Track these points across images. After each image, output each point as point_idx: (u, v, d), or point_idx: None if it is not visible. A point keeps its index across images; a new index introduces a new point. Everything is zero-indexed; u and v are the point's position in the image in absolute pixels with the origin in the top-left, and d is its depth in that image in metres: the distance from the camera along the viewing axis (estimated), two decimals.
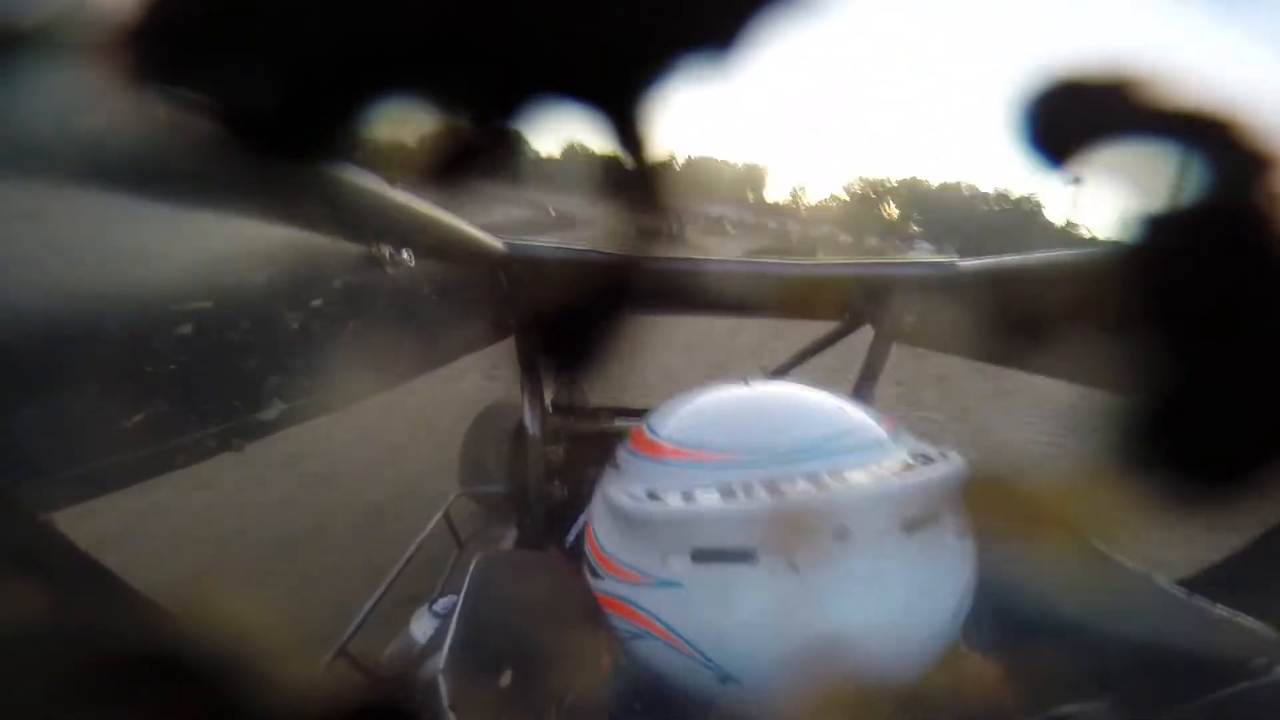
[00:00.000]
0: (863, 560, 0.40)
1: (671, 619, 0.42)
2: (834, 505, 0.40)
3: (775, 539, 0.40)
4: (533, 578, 0.62)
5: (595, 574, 0.49)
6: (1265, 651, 0.40)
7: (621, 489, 0.47)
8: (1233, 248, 0.22)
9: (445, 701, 0.38)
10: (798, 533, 0.40)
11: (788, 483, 0.41)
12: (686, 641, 0.41)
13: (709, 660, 0.41)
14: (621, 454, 0.53)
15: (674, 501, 0.43)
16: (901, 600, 0.41)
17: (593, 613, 0.62)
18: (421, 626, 0.74)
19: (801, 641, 0.39)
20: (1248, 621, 0.43)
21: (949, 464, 0.43)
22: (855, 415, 0.48)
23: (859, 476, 0.41)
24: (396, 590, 1.06)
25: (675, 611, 0.42)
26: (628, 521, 0.45)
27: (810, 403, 0.50)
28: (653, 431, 0.51)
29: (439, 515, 1.46)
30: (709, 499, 0.42)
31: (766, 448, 0.44)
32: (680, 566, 0.42)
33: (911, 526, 0.41)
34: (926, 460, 0.44)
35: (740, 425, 0.48)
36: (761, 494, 0.41)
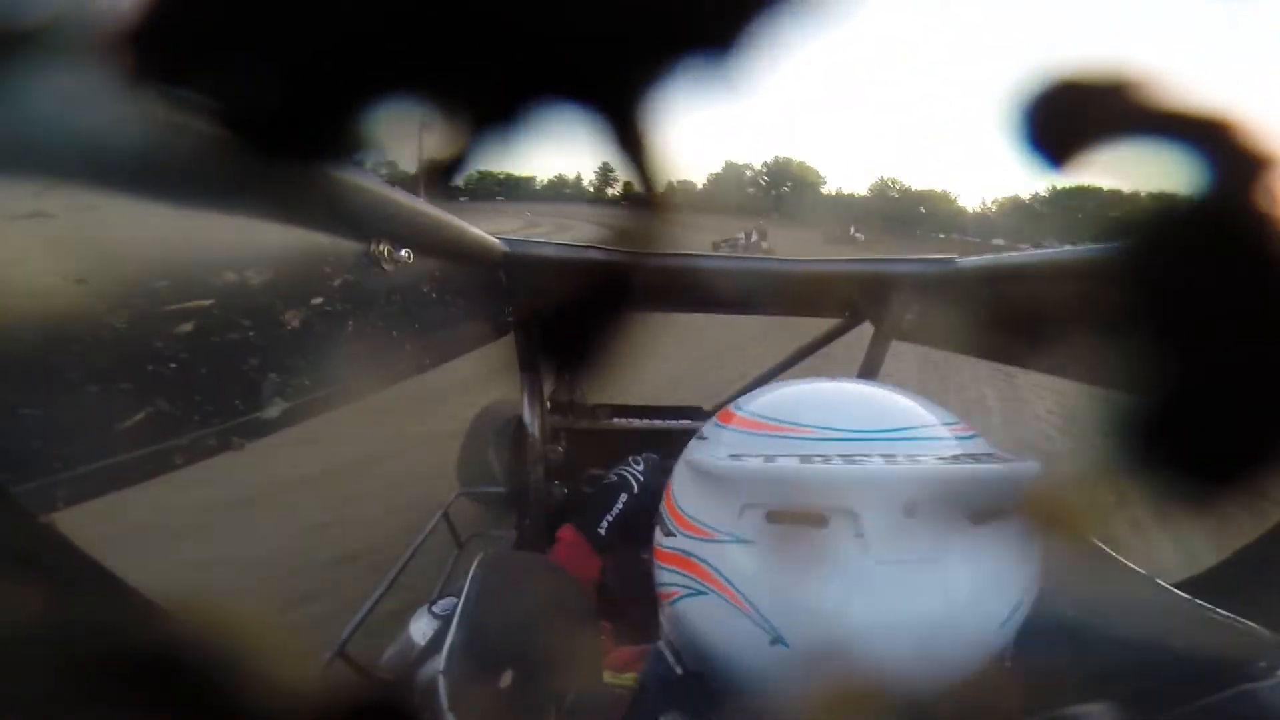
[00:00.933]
0: (926, 539, 0.41)
1: (735, 575, 0.44)
2: (905, 480, 0.41)
3: (845, 507, 0.41)
4: (533, 578, 0.62)
5: (668, 532, 0.51)
6: (1265, 654, 0.40)
7: (706, 453, 0.51)
8: (1233, 248, 0.22)
9: (445, 702, 0.38)
10: (868, 503, 0.41)
11: (864, 458, 0.43)
12: (746, 598, 0.43)
13: (764, 620, 0.42)
14: (708, 429, 0.56)
15: (755, 463, 0.45)
16: (957, 586, 0.41)
17: (593, 613, 0.62)
18: (420, 628, 0.74)
19: (853, 613, 0.40)
20: (1248, 624, 0.43)
21: (1023, 465, 0.43)
22: (935, 413, 0.50)
23: (933, 461, 0.43)
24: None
25: (741, 569, 0.44)
26: (709, 479, 0.48)
27: (892, 396, 0.53)
28: (740, 409, 0.54)
29: (439, 515, 1.46)
30: (789, 463, 0.44)
31: (848, 427, 0.47)
32: (753, 524, 0.44)
33: (979, 519, 0.42)
34: (1001, 459, 0.45)
35: (827, 407, 0.50)
36: (838, 463, 0.43)
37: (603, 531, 0.83)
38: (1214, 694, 0.37)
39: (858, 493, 0.41)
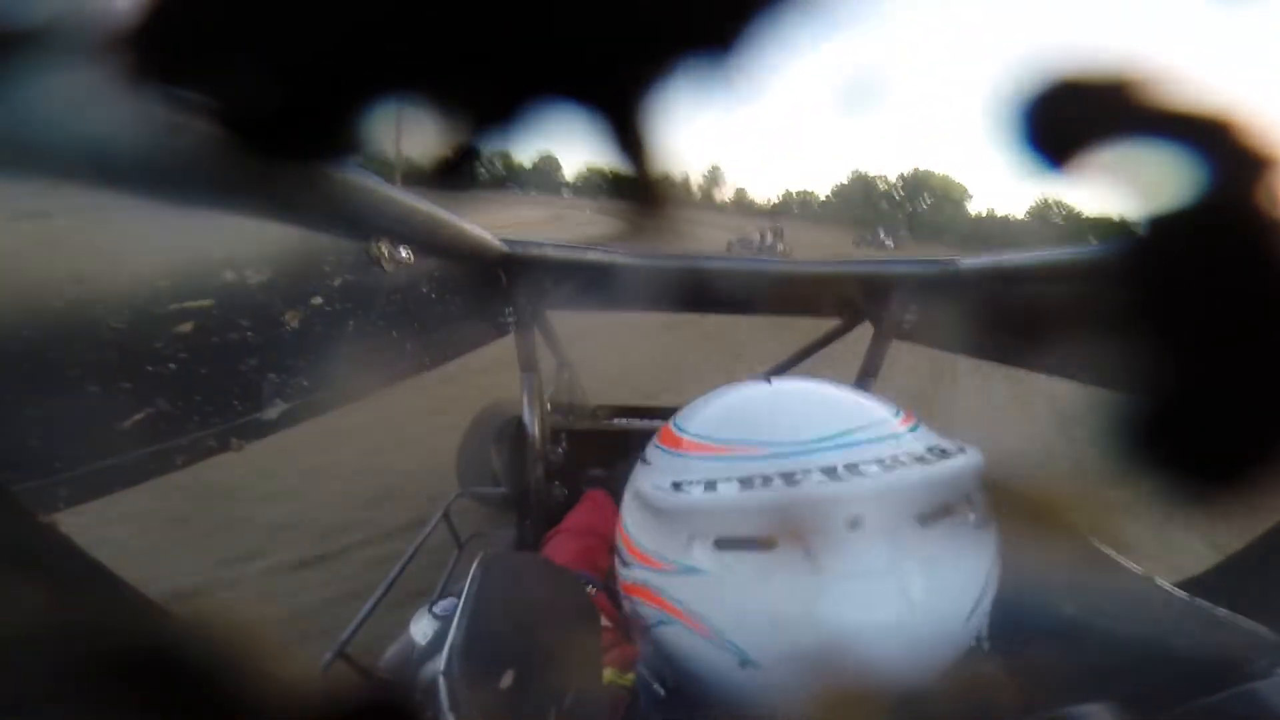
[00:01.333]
0: (875, 550, 0.41)
1: (694, 604, 0.44)
2: (846, 495, 0.41)
3: (790, 528, 0.41)
4: (533, 579, 0.62)
5: (624, 563, 0.51)
6: (1266, 653, 0.40)
7: (649, 481, 0.50)
8: (1233, 247, 0.22)
9: (445, 702, 0.38)
10: (811, 522, 0.41)
11: (804, 475, 0.42)
12: (708, 625, 0.43)
13: (730, 644, 0.42)
14: (650, 450, 0.56)
15: (696, 492, 0.45)
16: (914, 591, 0.41)
17: (593, 613, 0.62)
18: (421, 628, 0.74)
19: (816, 628, 0.41)
20: (1248, 623, 0.43)
21: (965, 457, 0.44)
22: (873, 410, 0.50)
23: (873, 469, 0.43)
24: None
25: (698, 597, 0.44)
26: (654, 511, 0.48)
27: (829, 398, 0.52)
28: (678, 428, 0.54)
29: (439, 516, 1.46)
30: (729, 489, 0.44)
31: (784, 441, 0.46)
32: (703, 554, 0.44)
33: (926, 519, 0.42)
34: (943, 454, 0.45)
35: (760, 421, 0.50)
36: (778, 484, 0.42)
37: None
38: (1214, 694, 0.37)
39: (799, 514, 0.41)
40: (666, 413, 1.44)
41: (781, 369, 1.39)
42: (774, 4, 0.17)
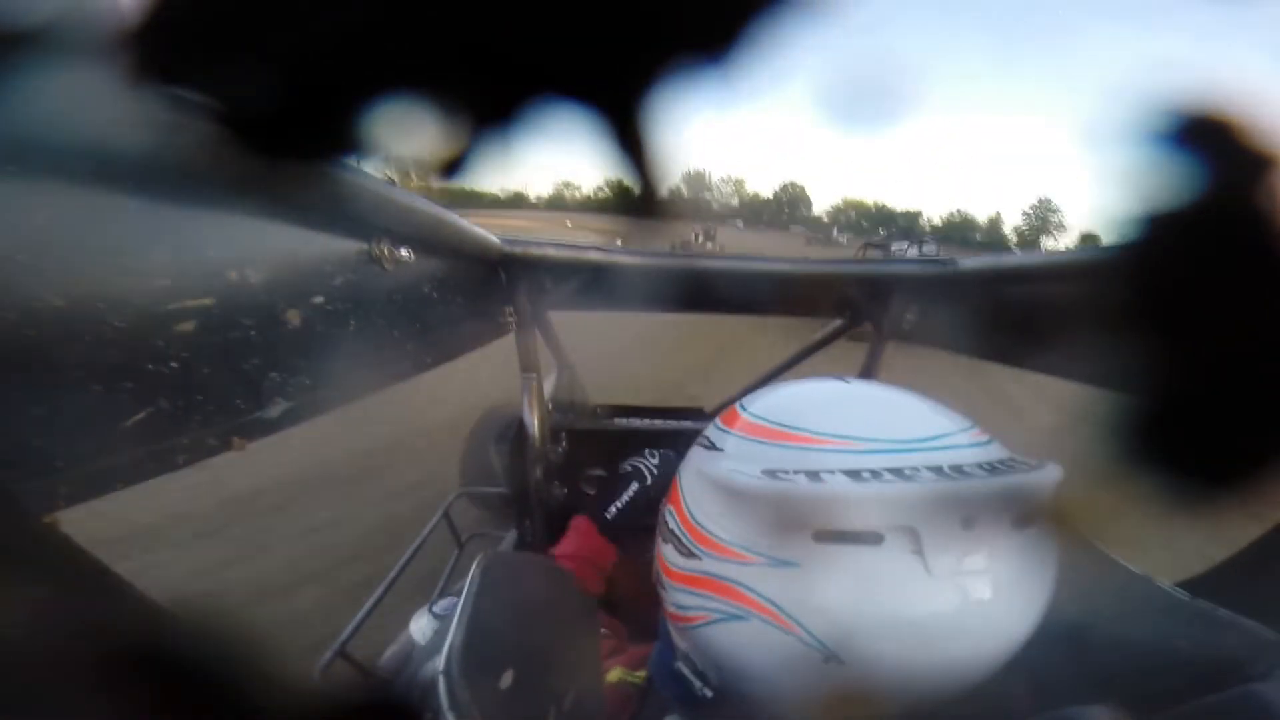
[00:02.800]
0: (983, 550, 0.41)
1: (781, 598, 0.42)
2: (964, 494, 0.41)
3: (903, 524, 0.40)
4: (534, 579, 0.62)
5: (687, 553, 0.49)
6: (1266, 653, 0.40)
7: (727, 466, 0.47)
8: (1233, 247, 0.22)
9: (445, 702, 0.38)
10: (927, 519, 0.40)
11: (913, 471, 0.42)
12: (795, 620, 0.42)
13: (816, 640, 0.41)
14: (716, 435, 0.53)
15: (800, 482, 0.42)
16: (1010, 592, 0.42)
17: (593, 613, 0.62)
18: (420, 628, 0.74)
19: (918, 627, 0.40)
20: (1248, 623, 0.43)
21: (1050, 469, 0.43)
22: (956, 418, 0.49)
23: (979, 472, 0.42)
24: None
25: (788, 591, 0.42)
26: (742, 500, 0.45)
27: (912, 402, 0.51)
28: (756, 415, 0.51)
29: (438, 516, 1.46)
30: (837, 481, 0.42)
31: (885, 438, 0.45)
32: (799, 546, 0.42)
33: (1021, 524, 0.42)
34: (1026, 464, 0.45)
35: (857, 414, 0.48)
36: (890, 479, 0.41)
37: (610, 516, 0.83)
38: (1214, 694, 0.37)
39: (917, 510, 0.40)
40: (667, 412, 1.44)
41: (782, 369, 1.39)
42: (775, 4, 0.17)
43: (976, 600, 0.41)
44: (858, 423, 0.46)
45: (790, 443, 0.47)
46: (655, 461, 0.94)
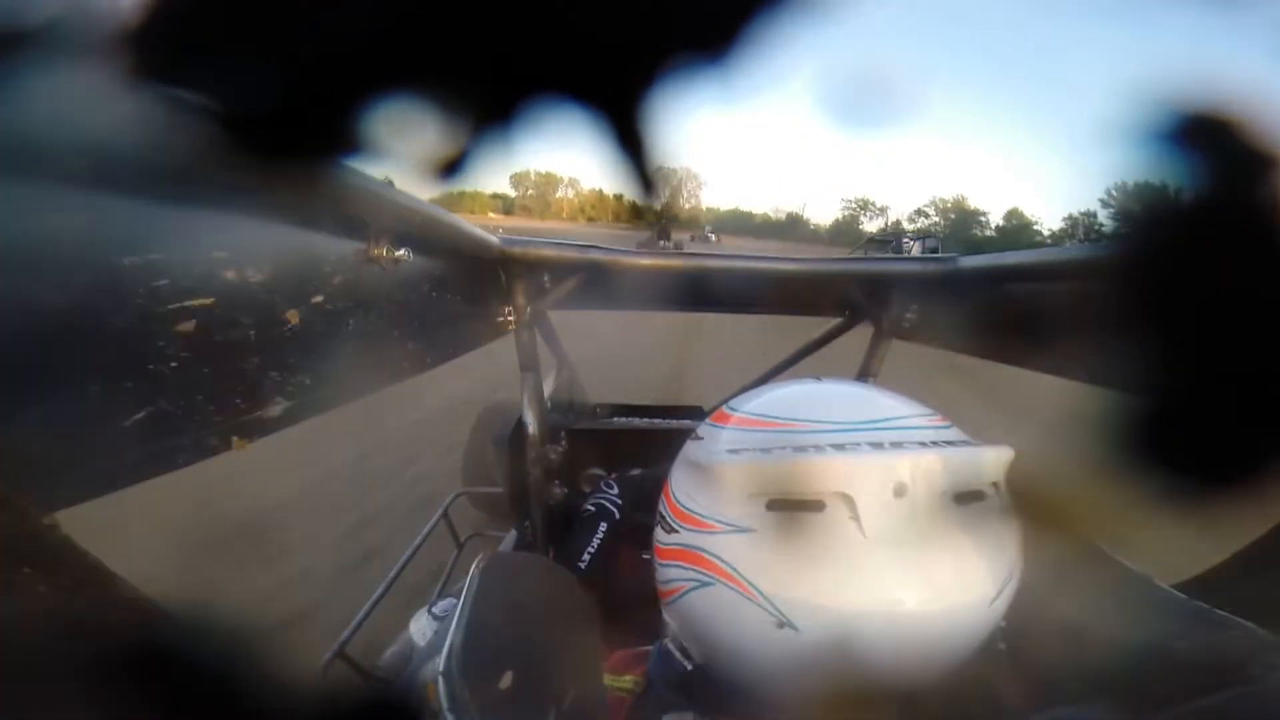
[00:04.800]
0: (918, 519, 0.43)
1: (739, 563, 0.46)
2: (893, 463, 0.44)
3: (839, 490, 0.43)
4: (533, 579, 0.62)
5: (669, 529, 0.54)
6: (1264, 655, 0.40)
7: (703, 450, 0.54)
8: (1233, 247, 0.22)
9: (445, 703, 0.38)
10: (859, 486, 0.43)
11: (853, 446, 0.46)
12: (750, 584, 0.45)
13: (770, 604, 0.44)
14: (703, 428, 0.59)
15: (751, 455, 0.48)
16: (949, 564, 0.44)
17: (592, 613, 0.62)
18: (420, 628, 0.74)
19: (854, 592, 0.43)
20: (1247, 624, 0.43)
21: (998, 448, 0.47)
22: (914, 406, 0.53)
23: (916, 446, 0.46)
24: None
25: (744, 555, 0.46)
26: (708, 474, 0.51)
27: (873, 392, 0.56)
28: (734, 409, 0.57)
29: (438, 515, 1.46)
30: (783, 454, 0.47)
31: (835, 420, 0.49)
32: (755, 513, 0.46)
33: (963, 499, 0.45)
34: (972, 443, 0.48)
35: (813, 404, 0.53)
36: (830, 452, 0.45)
37: (584, 566, 0.85)
38: (1214, 694, 0.37)
39: (849, 476, 0.43)
40: (667, 411, 1.44)
41: (781, 368, 1.39)
42: (776, 4, 0.17)
43: (913, 568, 0.43)
44: (816, 409, 0.51)
45: (753, 427, 0.53)
46: (615, 492, 0.94)
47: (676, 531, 0.52)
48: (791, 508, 0.45)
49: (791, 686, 0.46)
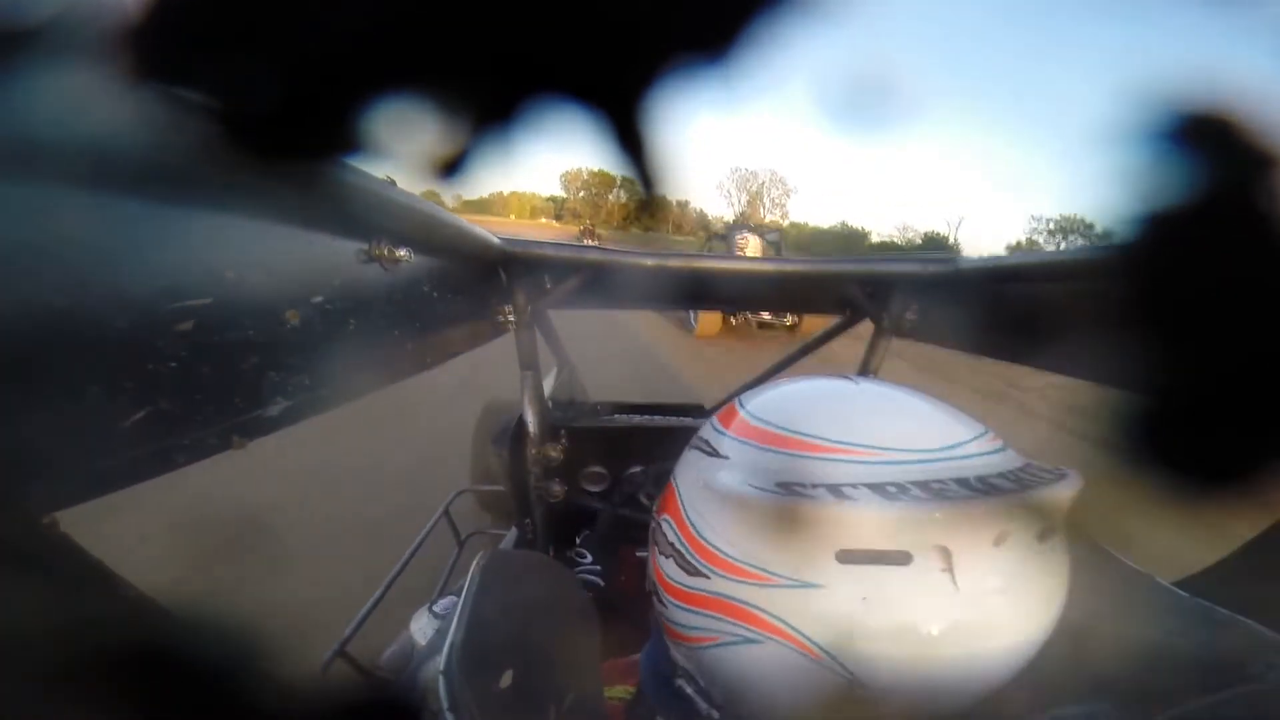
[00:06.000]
0: (1013, 567, 0.39)
1: (802, 622, 0.40)
2: (997, 510, 0.39)
3: (935, 543, 0.38)
4: (534, 577, 0.62)
5: (692, 570, 0.45)
6: (1266, 653, 0.40)
7: (739, 479, 0.44)
8: (1233, 247, 0.21)
9: (445, 702, 0.38)
10: (960, 538, 0.38)
11: (941, 485, 0.39)
12: (816, 645, 0.39)
13: (838, 664, 0.39)
14: (718, 440, 0.49)
15: (822, 496, 0.39)
16: (1035, 607, 0.41)
17: (593, 613, 0.62)
18: (420, 627, 0.74)
19: (939, 645, 0.38)
20: (1248, 623, 0.43)
21: (1071, 478, 0.41)
22: (971, 423, 0.46)
23: (1006, 484, 0.40)
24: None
25: (809, 614, 0.39)
26: (756, 515, 0.42)
27: (926, 406, 0.48)
28: (759, 418, 0.48)
29: (439, 514, 1.46)
30: (863, 497, 0.39)
31: (907, 446, 0.42)
32: (822, 567, 0.39)
33: (1045, 536, 0.41)
34: (1048, 473, 0.42)
35: (869, 419, 0.45)
36: (918, 494, 0.38)
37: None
38: (1214, 694, 0.37)
39: (950, 528, 0.38)
40: (667, 410, 1.44)
41: (782, 366, 1.39)
42: (775, 4, 0.17)
43: (1000, 617, 0.39)
44: (873, 429, 0.43)
45: (803, 451, 0.43)
46: (589, 560, 0.93)
47: (704, 576, 0.44)
48: (870, 560, 0.39)
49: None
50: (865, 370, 1.18)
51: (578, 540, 0.99)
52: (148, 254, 0.39)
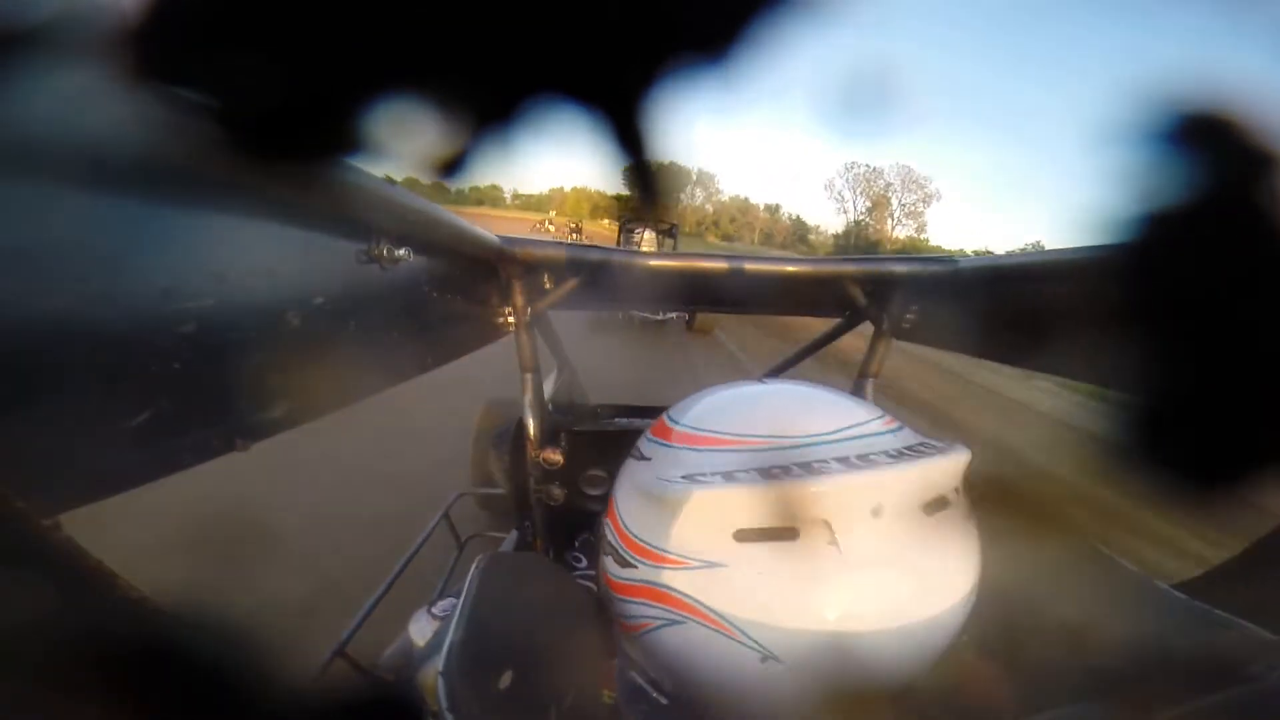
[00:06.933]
0: (895, 536, 0.42)
1: (712, 600, 0.43)
2: (870, 483, 0.42)
3: (816, 516, 0.41)
4: (533, 579, 0.63)
5: (624, 563, 0.50)
6: (1264, 655, 0.40)
7: (653, 475, 0.49)
8: (1233, 247, 0.22)
9: (445, 702, 0.38)
10: (837, 509, 0.41)
11: (821, 464, 0.43)
12: (728, 621, 0.42)
13: (751, 640, 0.42)
14: (646, 446, 0.54)
15: (715, 483, 0.44)
16: (929, 577, 0.43)
17: (592, 613, 0.62)
18: (420, 628, 0.74)
19: (841, 617, 0.41)
20: (1246, 625, 0.43)
21: (957, 451, 0.45)
22: (863, 408, 0.50)
23: (884, 459, 0.44)
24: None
25: (716, 592, 0.43)
26: (666, 505, 0.46)
27: (825, 396, 0.53)
28: (678, 423, 0.53)
29: (439, 516, 1.46)
30: (750, 480, 0.43)
31: (793, 434, 0.46)
32: (722, 547, 0.43)
33: (931, 508, 0.44)
34: (934, 448, 0.46)
35: (767, 414, 0.50)
36: (799, 473, 0.42)
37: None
38: (1214, 694, 0.37)
39: (827, 502, 0.41)
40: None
41: (781, 368, 1.39)
42: (775, 4, 0.17)
43: (893, 583, 0.42)
44: (768, 421, 0.48)
45: (705, 446, 0.49)
46: (588, 564, 0.95)
47: (633, 566, 0.49)
48: (762, 538, 0.42)
49: (779, 714, 0.45)
50: (864, 374, 1.18)
51: (576, 543, 1.00)
52: (148, 255, 0.39)
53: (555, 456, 1.13)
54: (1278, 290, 0.21)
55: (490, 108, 0.18)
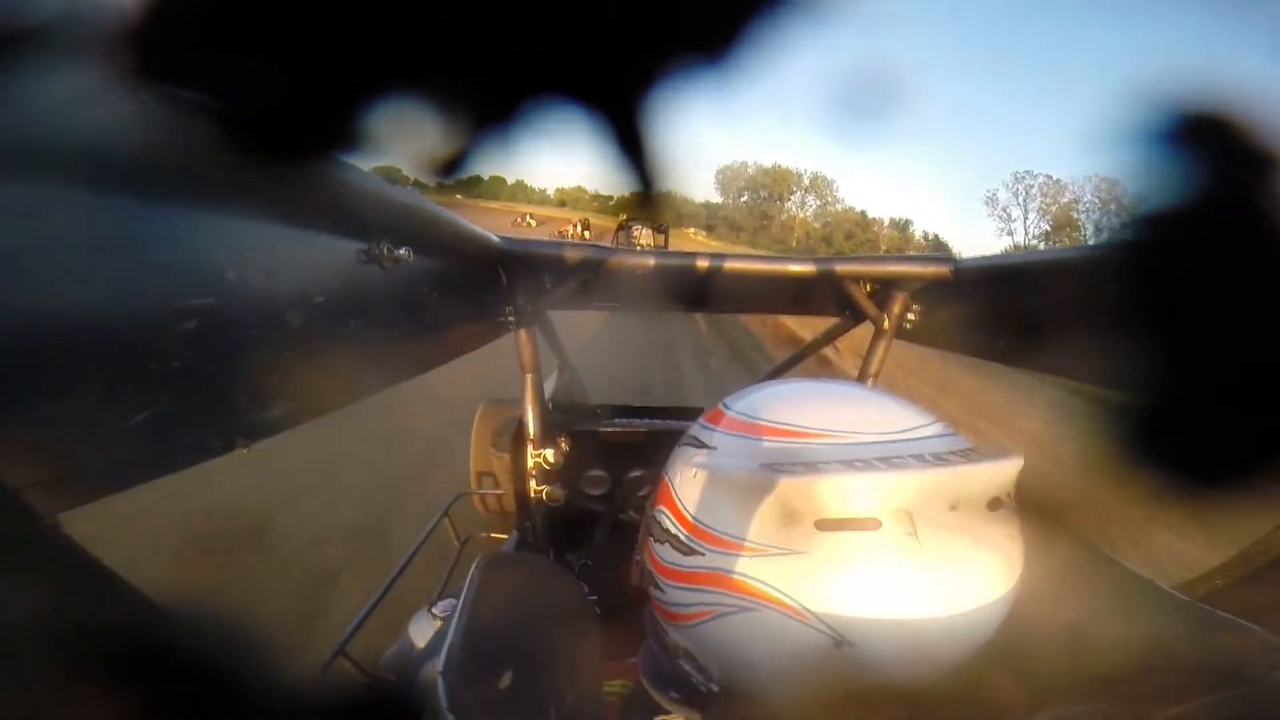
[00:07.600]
0: (967, 529, 0.44)
1: (790, 587, 0.44)
2: (949, 479, 0.45)
3: (899, 508, 0.43)
4: (533, 579, 0.63)
5: (688, 550, 0.50)
6: (1266, 654, 0.40)
7: (726, 463, 0.51)
8: (1233, 247, 0.22)
9: (445, 703, 0.38)
10: (919, 503, 0.43)
11: (902, 461, 0.45)
12: (805, 609, 0.44)
13: (826, 625, 0.44)
14: (705, 434, 0.56)
15: (802, 474, 0.45)
16: (991, 567, 0.45)
17: (592, 614, 0.62)
18: (420, 628, 0.74)
19: (915, 602, 0.43)
20: (1246, 625, 0.43)
21: (1014, 457, 0.47)
22: (925, 411, 0.53)
23: (957, 459, 0.47)
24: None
25: (796, 579, 0.44)
26: (743, 493, 0.47)
27: (883, 398, 0.55)
28: (746, 415, 0.54)
29: (439, 516, 1.46)
30: (836, 470, 0.45)
31: (868, 431, 0.49)
32: (803, 535, 0.44)
33: (993, 505, 0.46)
34: (989, 450, 0.49)
35: (842, 412, 0.52)
36: (882, 468, 0.44)
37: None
38: (1214, 694, 0.37)
39: (910, 495, 0.43)
40: (669, 412, 1.44)
41: (781, 368, 1.39)
42: (775, 4, 0.17)
43: (964, 573, 0.44)
44: (842, 418, 0.50)
45: (782, 438, 0.50)
46: (589, 563, 0.96)
47: (699, 554, 0.49)
48: (844, 526, 0.44)
49: (840, 697, 0.46)
50: (864, 374, 1.18)
51: (577, 544, 1.00)
52: (148, 254, 0.39)
53: (556, 457, 1.13)
54: (1277, 290, 0.21)
55: (490, 107, 0.18)
